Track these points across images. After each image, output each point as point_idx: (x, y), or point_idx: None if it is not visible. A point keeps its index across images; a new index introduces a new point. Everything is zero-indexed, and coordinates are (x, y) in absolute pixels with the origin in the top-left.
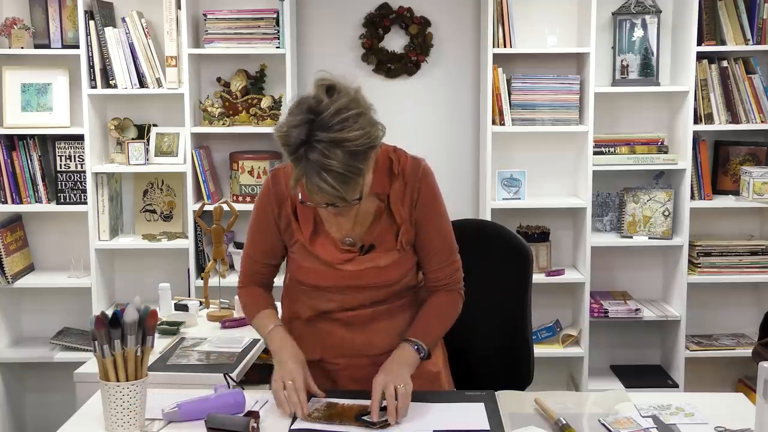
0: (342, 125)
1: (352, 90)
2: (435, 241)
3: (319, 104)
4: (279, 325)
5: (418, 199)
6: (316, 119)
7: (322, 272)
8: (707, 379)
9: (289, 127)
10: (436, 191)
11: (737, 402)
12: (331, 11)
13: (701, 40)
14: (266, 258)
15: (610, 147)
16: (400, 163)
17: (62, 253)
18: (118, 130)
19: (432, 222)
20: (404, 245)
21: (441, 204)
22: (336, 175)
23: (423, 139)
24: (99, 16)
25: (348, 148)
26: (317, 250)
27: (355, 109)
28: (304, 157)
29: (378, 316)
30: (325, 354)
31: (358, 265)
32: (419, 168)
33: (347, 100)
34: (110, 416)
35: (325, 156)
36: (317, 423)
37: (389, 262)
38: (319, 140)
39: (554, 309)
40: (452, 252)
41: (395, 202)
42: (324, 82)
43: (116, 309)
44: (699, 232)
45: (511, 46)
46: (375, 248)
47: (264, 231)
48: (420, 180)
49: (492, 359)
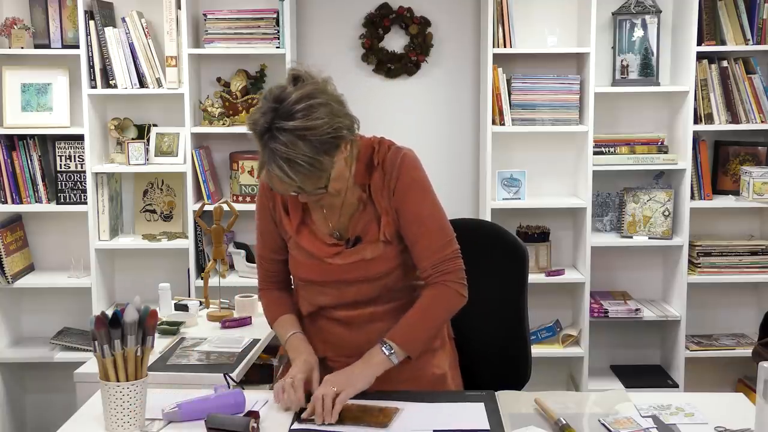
0: (304, 113)
1: (320, 80)
2: (414, 229)
3: (283, 92)
4: (297, 332)
5: (396, 190)
6: (279, 107)
7: (312, 266)
8: (707, 379)
9: (256, 114)
10: (415, 178)
11: (737, 402)
12: (331, 11)
13: (701, 40)
14: (273, 254)
15: (610, 147)
16: (380, 153)
17: (62, 253)
18: (118, 130)
19: (409, 210)
20: (387, 236)
21: (422, 191)
22: (296, 165)
23: (423, 139)
24: (99, 16)
25: (308, 138)
26: (304, 243)
27: (318, 98)
28: (267, 146)
29: (377, 317)
30: (328, 353)
31: (346, 259)
32: (398, 156)
33: (311, 89)
34: (110, 416)
35: (285, 145)
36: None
37: (375, 255)
38: (279, 128)
39: (554, 309)
40: (439, 240)
41: (376, 192)
42: (292, 72)
43: (116, 309)
44: (699, 232)
45: (511, 46)
46: (361, 241)
47: (265, 226)
48: (398, 169)
49: (490, 358)
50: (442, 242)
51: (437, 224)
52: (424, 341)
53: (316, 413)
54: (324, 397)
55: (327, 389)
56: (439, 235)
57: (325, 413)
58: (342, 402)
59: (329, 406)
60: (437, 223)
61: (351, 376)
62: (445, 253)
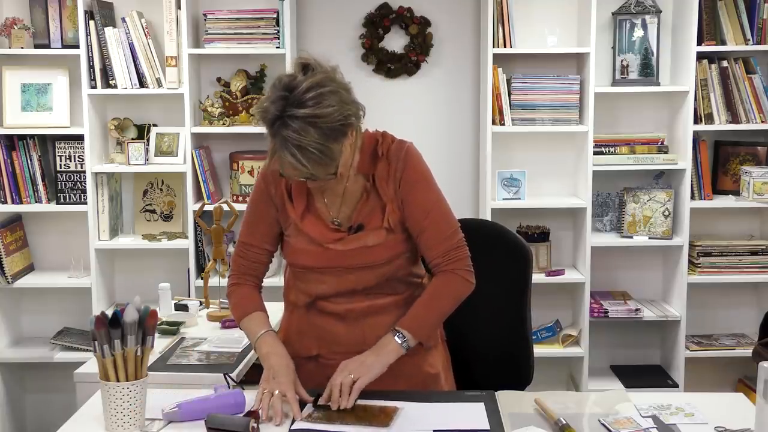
0: (314, 101)
1: (329, 68)
2: (421, 219)
3: (293, 81)
4: (269, 331)
5: (402, 181)
6: (290, 95)
7: (313, 252)
8: (707, 379)
9: (266, 103)
10: (420, 170)
11: (737, 402)
12: (331, 11)
13: (701, 40)
14: (262, 242)
15: (610, 147)
16: (384, 144)
17: (62, 253)
18: (118, 130)
19: (416, 200)
20: (391, 224)
21: (427, 182)
22: (307, 152)
23: (423, 139)
24: (99, 16)
25: (319, 125)
26: (307, 228)
27: (329, 86)
28: (278, 133)
29: (373, 311)
30: (322, 350)
31: (347, 245)
32: (403, 148)
33: (321, 77)
34: (110, 416)
35: (297, 132)
36: (317, 423)
37: (377, 242)
38: (291, 116)
39: (554, 309)
40: (446, 230)
41: (380, 181)
42: (300, 60)
43: (116, 309)
44: (699, 232)
45: (511, 46)
46: (363, 228)
47: (262, 211)
48: (403, 159)
49: (492, 359)
50: (448, 232)
51: (443, 214)
52: (435, 327)
53: (332, 399)
54: (342, 384)
55: (344, 376)
56: (446, 224)
57: (341, 399)
58: (359, 389)
59: (347, 392)
60: (443, 213)
61: (365, 363)
62: (452, 242)
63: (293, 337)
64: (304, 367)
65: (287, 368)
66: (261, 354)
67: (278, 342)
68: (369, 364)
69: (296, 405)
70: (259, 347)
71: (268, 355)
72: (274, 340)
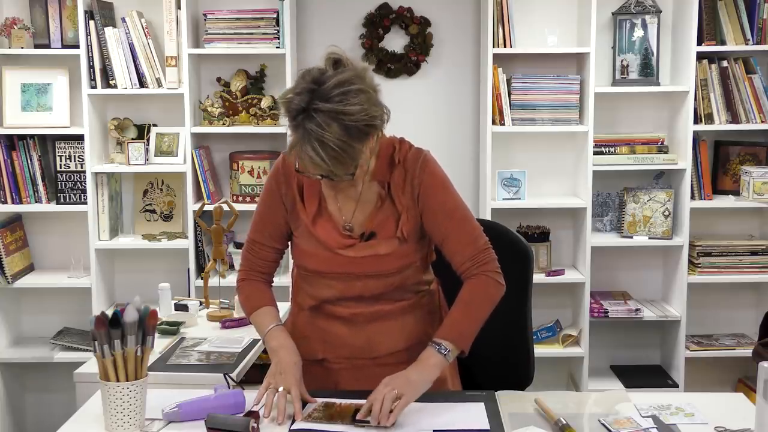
0: (341, 98)
1: (360, 68)
2: (445, 225)
3: (323, 75)
4: (279, 325)
5: (420, 188)
6: (318, 89)
7: (323, 256)
8: (707, 379)
9: (291, 94)
10: (439, 178)
11: (737, 402)
12: (331, 11)
13: (701, 40)
14: (271, 240)
15: (610, 147)
16: (401, 152)
17: (62, 253)
18: (118, 130)
19: (437, 207)
20: (404, 234)
21: (447, 189)
22: (328, 148)
23: (423, 139)
24: (99, 16)
25: (344, 122)
26: (318, 232)
27: (357, 84)
28: (302, 125)
29: (379, 316)
30: (328, 354)
31: (358, 252)
32: (420, 157)
33: (351, 74)
34: (110, 416)
35: (320, 126)
36: (317, 423)
37: (389, 251)
38: (317, 109)
39: (554, 309)
40: (471, 233)
41: (396, 189)
42: (332, 55)
43: (116, 309)
44: (699, 232)
45: (511, 46)
46: (376, 236)
47: (271, 210)
48: (421, 168)
49: (492, 359)
50: (473, 235)
51: (466, 218)
52: (474, 334)
53: (372, 414)
54: (384, 399)
55: (388, 391)
56: (469, 228)
57: (382, 416)
58: (403, 407)
59: (388, 408)
60: (466, 217)
61: (410, 379)
62: (478, 245)
63: (298, 341)
64: (308, 371)
65: (295, 366)
66: (270, 347)
67: (288, 337)
68: (414, 380)
69: (299, 403)
70: (269, 341)
71: (277, 349)
72: (284, 334)
